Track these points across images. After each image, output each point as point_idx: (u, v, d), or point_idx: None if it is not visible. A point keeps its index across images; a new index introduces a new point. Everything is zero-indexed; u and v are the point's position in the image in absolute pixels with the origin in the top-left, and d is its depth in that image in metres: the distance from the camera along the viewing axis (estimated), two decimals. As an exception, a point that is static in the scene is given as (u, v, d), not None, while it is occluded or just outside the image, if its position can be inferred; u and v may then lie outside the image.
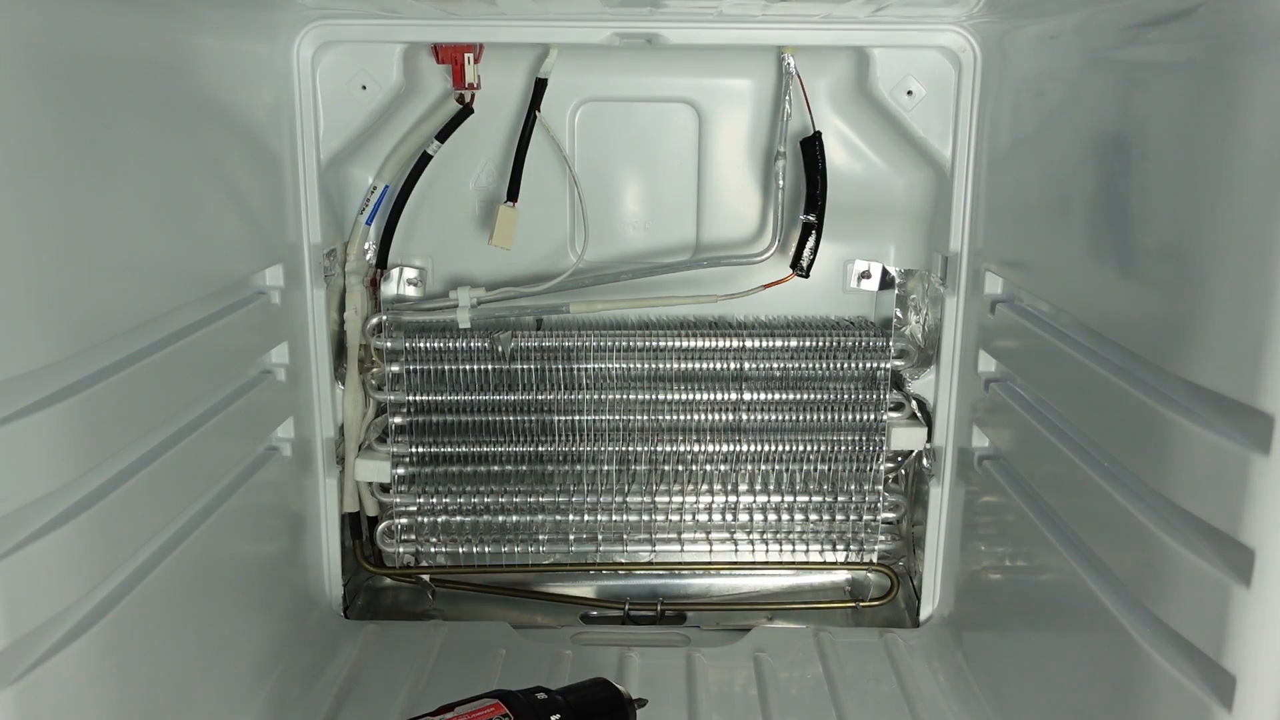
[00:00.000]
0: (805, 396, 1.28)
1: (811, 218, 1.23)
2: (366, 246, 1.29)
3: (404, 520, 1.32)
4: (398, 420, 1.28)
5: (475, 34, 1.17)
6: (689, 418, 1.29)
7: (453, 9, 1.11)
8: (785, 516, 1.34)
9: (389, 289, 1.31)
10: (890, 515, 1.34)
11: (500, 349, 1.26)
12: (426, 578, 1.37)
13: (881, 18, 1.12)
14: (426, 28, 1.16)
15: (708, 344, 1.27)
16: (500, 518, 1.32)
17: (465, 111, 1.24)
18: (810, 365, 1.27)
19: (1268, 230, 0.60)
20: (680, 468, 1.32)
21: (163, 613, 0.85)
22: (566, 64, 1.24)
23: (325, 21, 1.14)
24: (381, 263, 1.29)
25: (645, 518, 1.34)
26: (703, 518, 1.35)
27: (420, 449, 1.29)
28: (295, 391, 1.18)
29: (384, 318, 1.28)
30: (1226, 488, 0.63)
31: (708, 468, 1.32)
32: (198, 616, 0.93)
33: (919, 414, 1.31)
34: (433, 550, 1.34)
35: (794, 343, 1.27)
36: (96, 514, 0.74)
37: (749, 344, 1.27)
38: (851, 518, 1.34)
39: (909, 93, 1.19)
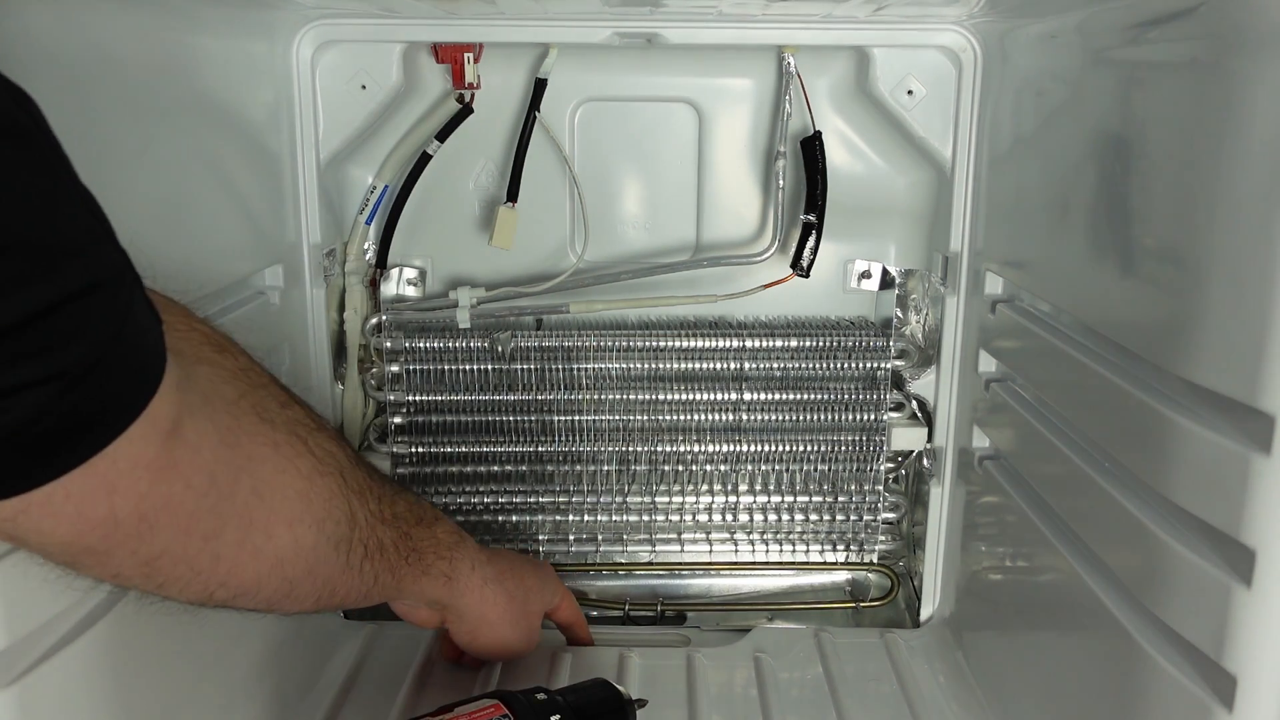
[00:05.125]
0: (805, 396, 1.28)
1: (812, 218, 1.23)
2: (366, 246, 1.29)
3: (404, 520, 1.32)
4: (398, 420, 1.28)
5: (475, 34, 1.17)
6: (689, 418, 1.29)
7: (453, 9, 1.11)
8: (785, 517, 1.34)
9: (389, 289, 1.31)
10: (890, 515, 1.34)
11: (500, 349, 1.26)
12: (426, 578, 1.37)
13: (881, 17, 1.12)
14: (426, 27, 1.16)
15: (708, 344, 1.27)
16: (500, 518, 1.32)
17: (465, 111, 1.24)
18: (810, 365, 1.27)
19: (1268, 230, 0.60)
20: (680, 468, 1.32)
21: (163, 613, 0.85)
22: (566, 64, 1.24)
23: (325, 21, 1.14)
24: (381, 263, 1.29)
25: (645, 518, 1.34)
26: (703, 518, 1.35)
27: (420, 449, 1.29)
28: (295, 392, 1.18)
29: (384, 318, 1.28)
30: (1227, 488, 0.63)
31: (708, 468, 1.32)
32: (198, 616, 0.93)
33: (919, 414, 1.31)
34: (433, 550, 1.34)
35: (794, 343, 1.27)
36: (96, 514, 0.74)
37: (749, 344, 1.27)
38: (852, 518, 1.34)
39: (909, 92, 1.19)
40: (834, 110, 1.27)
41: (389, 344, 1.26)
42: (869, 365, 1.27)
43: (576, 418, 1.29)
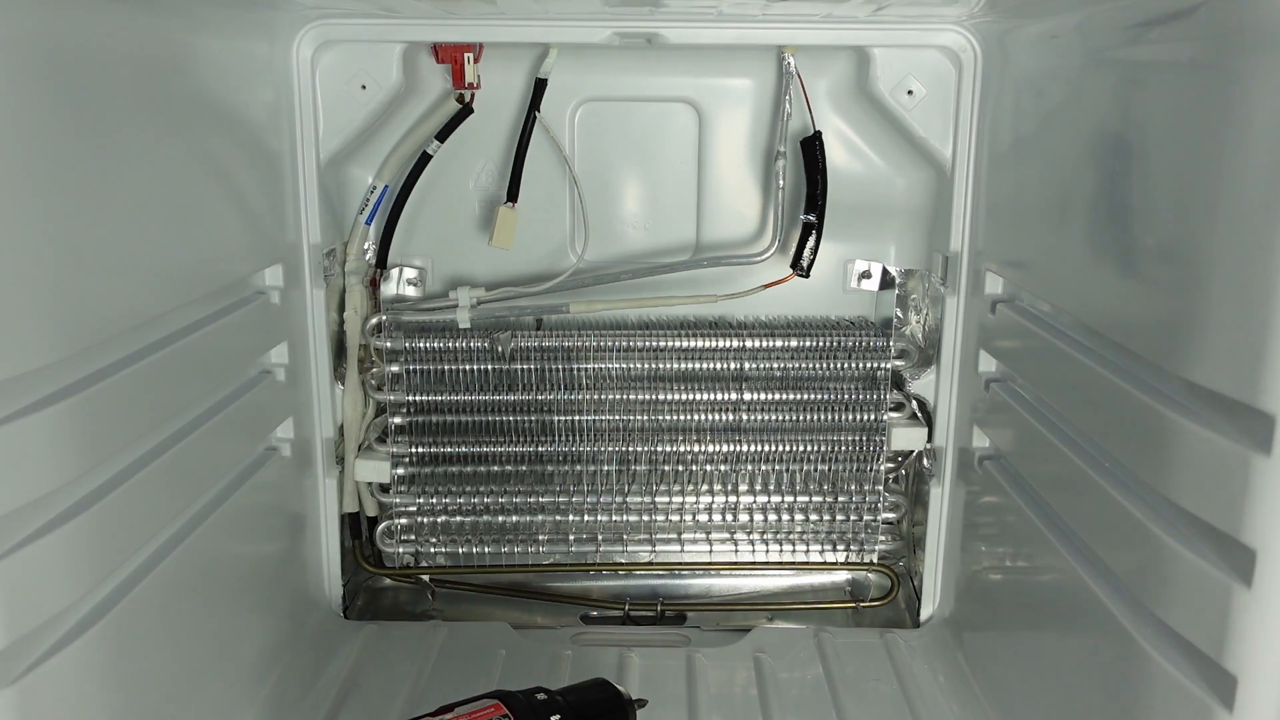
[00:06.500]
0: (805, 396, 1.28)
1: (812, 217, 1.23)
2: (366, 246, 1.29)
3: (404, 520, 1.32)
4: (397, 420, 1.28)
5: (475, 34, 1.17)
6: (689, 418, 1.29)
7: (453, 9, 1.11)
8: (785, 517, 1.34)
9: (389, 289, 1.31)
10: (890, 515, 1.34)
11: (500, 349, 1.26)
12: (426, 578, 1.37)
13: (882, 17, 1.12)
14: (426, 27, 1.16)
15: (708, 344, 1.27)
16: (500, 518, 1.32)
17: (465, 111, 1.24)
18: (810, 365, 1.27)
19: (1268, 230, 0.60)
20: (680, 468, 1.32)
21: (162, 613, 0.85)
22: (566, 64, 1.24)
23: (325, 21, 1.14)
24: (381, 263, 1.29)
25: (645, 518, 1.34)
26: (703, 518, 1.35)
27: (420, 449, 1.29)
28: (295, 391, 1.18)
29: (384, 318, 1.28)
30: (1227, 488, 0.63)
31: (708, 468, 1.32)
32: (197, 616, 0.93)
33: (919, 414, 1.31)
34: (432, 550, 1.34)
35: (794, 343, 1.27)
36: (96, 514, 0.74)
37: (749, 344, 1.27)
38: (852, 518, 1.34)
39: (909, 92, 1.19)
40: (834, 110, 1.27)
41: (389, 344, 1.26)
42: (869, 365, 1.27)
43: (576, 418, 1.29)
